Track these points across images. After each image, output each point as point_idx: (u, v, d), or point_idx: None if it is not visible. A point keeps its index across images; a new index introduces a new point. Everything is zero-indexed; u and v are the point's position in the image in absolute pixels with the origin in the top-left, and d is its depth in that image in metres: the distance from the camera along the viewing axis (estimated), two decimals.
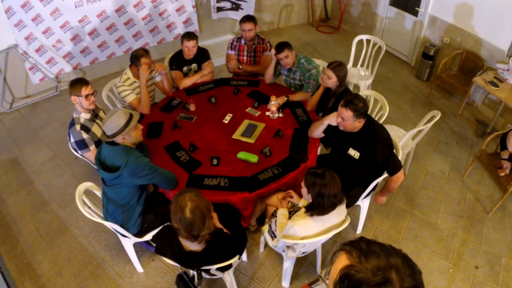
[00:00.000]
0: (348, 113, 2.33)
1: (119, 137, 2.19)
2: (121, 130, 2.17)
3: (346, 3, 6.13)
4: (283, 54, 3.12)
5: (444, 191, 3.39)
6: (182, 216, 1.70)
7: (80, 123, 2.60)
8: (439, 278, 2.68)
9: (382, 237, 2.97)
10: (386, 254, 0.87)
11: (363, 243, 0.91)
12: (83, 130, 2.59)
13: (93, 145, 2.63)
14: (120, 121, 2.17)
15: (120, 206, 2.30)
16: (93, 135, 2.67)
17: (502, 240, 2.97)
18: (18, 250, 2.88)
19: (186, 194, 1.74)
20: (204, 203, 1.76)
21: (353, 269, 0.86)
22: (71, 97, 2.57)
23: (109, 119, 2.16)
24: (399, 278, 0.83)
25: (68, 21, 4.31)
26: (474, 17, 4.15)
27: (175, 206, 1.72)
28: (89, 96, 2.59)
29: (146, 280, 2.66)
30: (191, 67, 3.58)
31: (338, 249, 0.95)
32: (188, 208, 1.69)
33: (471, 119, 4.31)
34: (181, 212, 1.69)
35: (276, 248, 2.38)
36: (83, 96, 2.55)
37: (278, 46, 3.13)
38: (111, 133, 2.18)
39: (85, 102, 2.58)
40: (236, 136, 2.85)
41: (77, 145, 2.59)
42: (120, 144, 2.23)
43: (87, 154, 2.63)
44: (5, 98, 4.39)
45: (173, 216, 1.74)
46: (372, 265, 0.85)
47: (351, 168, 2.55)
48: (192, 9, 5.20)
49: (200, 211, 1.72)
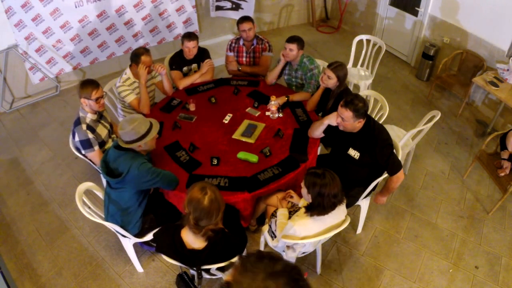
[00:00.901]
0: (348, 113, 2.33)
1: (136, 145, 2.19)
2: (140, 138, 2.17)
3: (346, 3, 6.13)
4: (290, 46, 3.14)
5: (444, 191, 3.39)
6: (199, 202, 1.72)
7: (86, 123, 2.60)
8: (439, 278, 2.68)
9: (382, 237, 2.97)
10: (266, 274, 0.83)
11: (251, 258, 0.88)
12: (89, 130, 2.59)
13: (97, 146, 2.63)
14: (141, 130, 2.17)
15: (122, 209, 2.30)
16: (98, 136, 2.67)
17: (502, 240, 2.97)
18: (18, 250, 2.88)
19: (209, 184, 1.80)
20: (221, 198, 1.81)
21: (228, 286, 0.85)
22: (81, 99, 2.56)
23: (129, 126, 2.14)
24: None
25: (68, 21, 4.31)
26: (474, 17, 4.15)
27: (196, 191, 1.75)
28: (100, 99, 2.59)
29: (146, 280, 2.66)
30: (191, 67, 3.58)
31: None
32: (208, 196, 1.73)
33: (471, 119, 4.31)
34: (201, 197, 1.72)
35: (276, 248, 2.38)
36: (93, 99, 2.55)
37: (291, 37, 3.16)
38: (129, 140, 2.16)
39: (95, 105, 2.58)
40: (236, 136, 2.85)
41: (82, 144, 2.58)
42: (131, 149, 2.23)
43: (90, 154, 2.62)
44: (5, 98, 4.39)
45: (190, 201, 1.75)
46: (244, 286, 0.83)
47: (351, 168, 2.55)
48: (192, 9, 5.20)
49: (217, 202, 1.76)
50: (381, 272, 2.72)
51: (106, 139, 2.76)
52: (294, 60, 3.25)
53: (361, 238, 2.96)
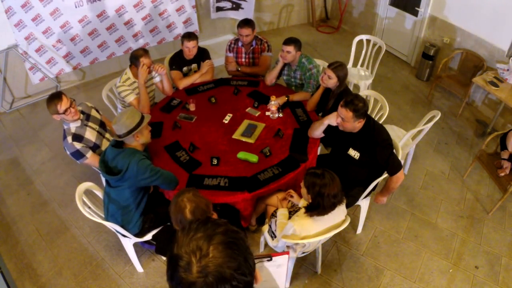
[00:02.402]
0: (348, 113, 2.33)
1: (132, 135, 2.19)
2: (135, 127, 2.18)
3: (346, 3, 6.13)
4: (288, 48, 3.14)
5: (444, 191, 3.39)
6: (182, 218, 1.69)
7: (71, 133, 2.56)
8: (439, 278, 2.68)
9: (382, 237, 2.97)
10: (205, 235, 0.84)
11: (198, 221, 0.90)
12: (75, 141, 2.54)
13: (89, 152, 2.60)
14: (135, 119, 2.19)
15: (122, 207, 2.30)
16: (88, 141, 2.63)
17: (502, 240, 2.97)
18: (18, 250, 2.88)
19: (184, 195, 1.74)
20: (204, 201, 1.76)
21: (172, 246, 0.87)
22: (52, 116, 2.49)
23: (123, 117, 2.16)
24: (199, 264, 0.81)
25: (68, 21, 4.31)
26: (474, 17, 4.15)
27: (174, 208, 1.72)
28: (68, 110, 2.47)
29: (146, 280, 2.66)
30: (191, 67, 3.58)
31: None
32: (187, 210, 1.69)
33: (471, 119, 4.31)
34: (181, 213, 1.69)
35: (276, 248, 2.38)
36: (61, 113, 2.47)
37: (288, 39, 3.15)
38: (126, 131, 2.17)
39: (67, 117, 2.50)
40: (236, 136, 2.85)
41: (73, 156, 2.57)
42: (128, 145, 2.24)
43: (85, 162, 2.61)
44: (5, 98, 4.39)
45: (173, 218, 1.73)
46: (179, 244, 0.85)
47: (351, 168, 2.55)
48: (192, 9, 5.20)
49: (200, 210, 1.71)
50: (381, 272, 2.72)
51: (98, 141, 2.72)
52: (292, 61, 3.25)
53: (361, 238, 2.96)
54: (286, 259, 1.54)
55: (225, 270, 0.81)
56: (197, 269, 0.81)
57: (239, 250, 0.85)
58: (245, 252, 0.86)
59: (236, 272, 0.82)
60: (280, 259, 1.53)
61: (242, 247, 0.86)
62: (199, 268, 0.80)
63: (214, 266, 0.80)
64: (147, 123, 2.27)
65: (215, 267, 0.80)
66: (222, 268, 0.80)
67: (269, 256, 1.47)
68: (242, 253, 0.85)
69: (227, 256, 0.82)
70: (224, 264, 0.81)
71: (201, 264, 0.81)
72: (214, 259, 0.81)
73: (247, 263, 0.85)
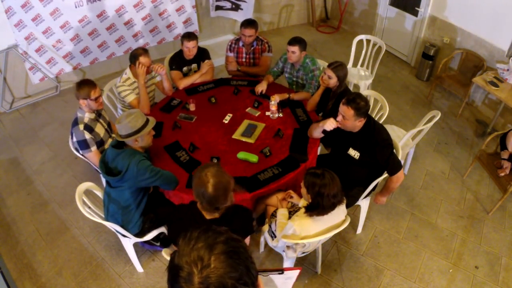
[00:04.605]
0: (350, 111, 2.33)
1: (132, 138, 2.20)
2: (136, 132, 2.19)
3: (346, 3, 6.13)
4: (292, 49, 3.14)
5: (444, 191, 3.39)
6: (204, 192, 1.70)
7: (84, 122, 2.60)
8: (439, 278, 2.68)
9: (382, 237, 2.97)
10: (206, 245, 0.83)
11: (199, 229, 0.89)
12: (86, 130, 2.59)
13: (94, 146, 2.63)
14: (137, 123, 2.20)
15: (122, 208, 2.31)
16: (96, 135, 2.67)
17: (502, 240, 2.97)
18: (18, 250, 2.88)
19: (208, 169, 1.74)
20: (226, 177, 1.76)
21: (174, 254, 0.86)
22: (80, 100, 2.57)
23: (126, 119, 2.18)
24: (201, 274, 0.80)
25: (68, 21, 4.31)
26: (474, 17, 4.15)
27: (197, 181, 1.72)
28: (99, 98, 2.60)
29: (146, 280, 2.66)
30: (191, 67, 3.58)
31: None
32: (210, 184, 1.69)
33: (471, 119, 4.31)
34: (204, 187, 1.70)
35: (276, 248, 2.38)
36: (92, 99, 2.56)
37: (293, 39, 3.16)
38: (126, 133, 2.19)
39: (94, 104, 2.59)
40: (236, 136, 2.85)
41: (79, 144, 2.58)
42: (129, 146, 2.25)
43: (88, 154, 2.62)
44: (5, 98, 4.39)
45: (195, 191, 1.74)
46: (180, 252, 0.84)
47: (351, 168, 2.55)
48: (192, 9, 5.20)
49: (222, 186, 1.72)
50: (381, 272, 2.72)
51: (105, 139, 2.76)
52: (297, 61, 3.26)
53: (361, 238, 2.96)
54: (297, 273, 1.52)
55: (227, 281, 0.80)
56: (198, 280, 0.80)
57: (241, 259, 0.84)
58: (247, 261, 0.85)
59: (238, 282, 0.81)
60: (291, 273, 1.51)
61: (243, 256, 0.85)
62: (201, 279, 0.80)
63: (215, 277, 0.80)
64: (150, 129, 2.28)
65: (217, 278, 0.80)
66: (224, 279, 0.80)
67: (281, 270, 1.46)
68: (244, 262, 0.84)
69: (228, 266, 0.81)
70: (226, 274, 0.80)
71: (202, 275, 0.80)
72: (216, 269, 0.80)
73: (249, 273, 0.85)
